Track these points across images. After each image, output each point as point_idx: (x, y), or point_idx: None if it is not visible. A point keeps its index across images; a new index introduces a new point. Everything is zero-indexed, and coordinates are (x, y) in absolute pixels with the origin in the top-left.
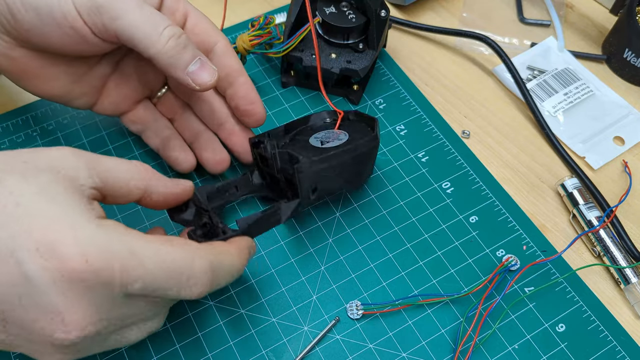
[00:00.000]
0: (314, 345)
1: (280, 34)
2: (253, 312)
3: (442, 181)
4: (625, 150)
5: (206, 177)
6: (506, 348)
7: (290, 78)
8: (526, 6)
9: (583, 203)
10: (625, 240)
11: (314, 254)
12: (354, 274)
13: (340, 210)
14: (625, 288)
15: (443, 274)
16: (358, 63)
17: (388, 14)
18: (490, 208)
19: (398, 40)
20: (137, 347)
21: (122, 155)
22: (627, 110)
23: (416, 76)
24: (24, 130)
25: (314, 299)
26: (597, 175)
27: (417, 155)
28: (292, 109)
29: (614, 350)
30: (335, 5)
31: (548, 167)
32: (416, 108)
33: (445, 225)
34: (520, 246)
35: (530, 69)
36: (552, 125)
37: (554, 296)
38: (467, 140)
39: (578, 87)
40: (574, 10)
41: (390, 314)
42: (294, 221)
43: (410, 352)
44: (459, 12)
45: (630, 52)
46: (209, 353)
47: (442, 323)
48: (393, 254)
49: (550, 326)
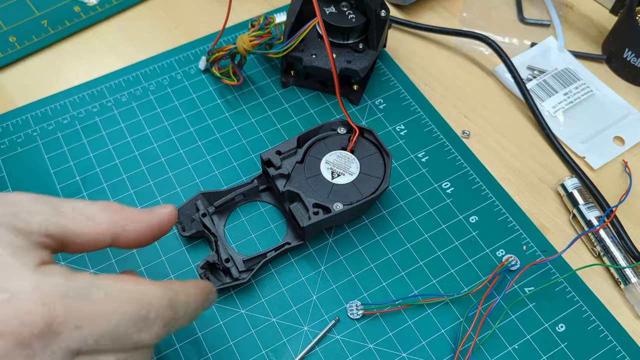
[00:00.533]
0: (314, 345)
1: (280, 34)
2: (253, 312)
3: (442, 181)
4: (625, 150)
5: (210, 181)
6: (506, 348)
7: (290, 78)
8: (526, 6)
9: (583, 203)
10: (625, 240)
11: (314, 254)
12: (354, 274)
13: None
14: (625, 288)
15: (443, 274)
16: (358, 63)
17: (388, 14)
18: (490, 208)
19: (398, 40)
20: None
21: (123, 155)
22: (627, 110)
23: (416, 76)
24: (24, 130)
25: (314, 299)
26: (597, 175)
27: (417, 155)
28: (292, 109)
29: (614, 350)
30: (335, 5)
31: (548, 167)
32: (416, 108)
33: (445, 225)
34: (520, 246)
35: (530, 69)
36: (552, 125)
37: (554, 296)
38: (467, 140)
39: (578, 87)
40: (574, 10)
41: (390, 314)
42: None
43: (410, 352)
44: (459, 12)
45: (630, 52)
46: (209, 353)
47: (442, 323)
48: (393, 254)
49: (550, 326)
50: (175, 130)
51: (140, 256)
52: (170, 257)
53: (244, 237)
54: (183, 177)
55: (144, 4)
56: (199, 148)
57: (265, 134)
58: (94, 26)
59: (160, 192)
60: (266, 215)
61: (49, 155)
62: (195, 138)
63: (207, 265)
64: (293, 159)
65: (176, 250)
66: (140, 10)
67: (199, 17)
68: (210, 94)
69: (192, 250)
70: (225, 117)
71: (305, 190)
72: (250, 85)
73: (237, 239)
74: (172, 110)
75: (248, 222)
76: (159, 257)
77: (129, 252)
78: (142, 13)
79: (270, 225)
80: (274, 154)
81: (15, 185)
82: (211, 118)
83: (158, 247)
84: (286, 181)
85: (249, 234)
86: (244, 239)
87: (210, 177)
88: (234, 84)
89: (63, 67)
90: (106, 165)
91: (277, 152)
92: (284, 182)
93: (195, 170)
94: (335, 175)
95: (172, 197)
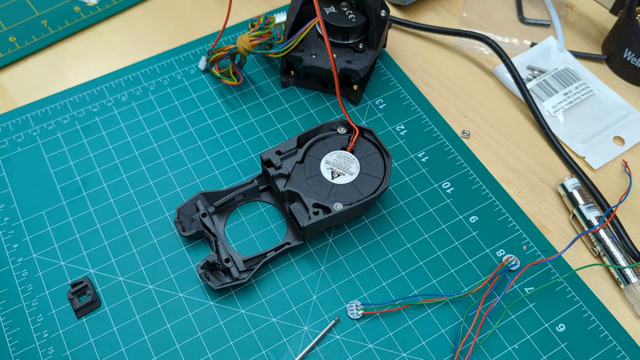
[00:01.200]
0: (314, 345)
1: (280, 34)
2: (253, 312)
3: (442, 181)
4: (625, 150)
5: (210, 181)
6: (506, 348)
7: (290, 78)
8: (526, 6)
9: (583, 203)
10: (625, 240)
11: (314, 254)
12: (354, 274)
13: None
14: (625, 288)
15: (443, 274)
16: (358, 63)
17: (388, 14)
18: (490, 208)
19: (398, 40)
20: (137, 347)
21: (123, 155)
22: (627, 110)
23: (416, 76)
24: (24, 130)
25: (314, 299)
26: (597, 175)
27: (417, 155)
28: (292, 109)
29: (614, 350)
30: (335, 5)
31: (548, 167)
32: (416, 108)
33: (445, 225)
34: (520, 246)
35: (530, 69)
36: (552, 125)
37: (554, 296)
38: (467, 140)
39: (578, 87)
40: (574, 10)
41: (390, 314)
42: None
43: (410, 352)
44: (459, 12)
45: (630, 52)
46: (209, 353)
47: (442, 323)
48: (393, 254)
49: (550, 326)
50: (175, 130)
51: (140, 256)
52: (170, 257)
53: (244, 237)
54: (183, 177)
55: (144, 4)
56: (199, 148)
57: (265, 134)
58: (94, 26)
59: (160, 192)
60: (266, 215)
61: (49, 155)
62: (195, 138)
63: (207, 265)
64: (293, 159)
65: (176, 250)
66: (140, 10)
67: (199, 17)
68: (210, 94)
69: (192, 250)
70: (225, 117)
71: (305, 190)
72: (250, 85)
73: (237, 239)
74: (172, 110)
75: (248, 222)
76: (159, 257)
77: (129, 252)
78: (142, 13)
79: (270, 225)
80: (274, 154)
81: (15, 185)
82: (211, 118)
83: (158, 247)
84: (286, 181)
85: (249, 234)
86: (244, 239)
87: (210, 177)
88: (234, 84)
89: (63, 67)
90: (106, 165)
91: (277, 152)
92: (284, 182)
93: (195, 170)
94: (335, 175)
95: (172, 197)
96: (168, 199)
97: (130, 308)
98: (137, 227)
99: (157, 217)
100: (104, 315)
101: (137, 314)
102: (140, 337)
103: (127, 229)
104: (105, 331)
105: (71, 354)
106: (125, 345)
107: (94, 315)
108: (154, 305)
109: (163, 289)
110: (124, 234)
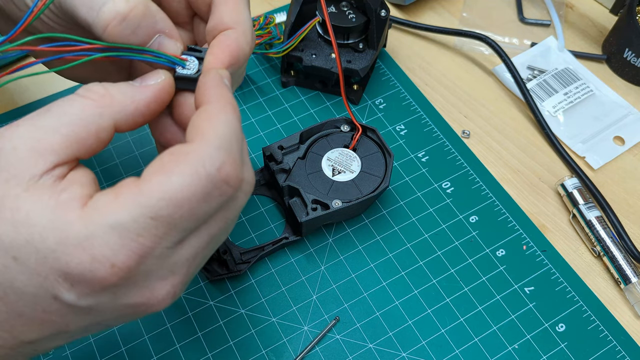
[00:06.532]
0: (314, 345)
1: (280, 33)
2: (253, 312)
3: (442, 181)
4: (625, 150)
5: None
6: (506, 348)
7: (290, 78)
8: (526, 6)
9: (583, 203)
10: (625, 240)
11: (314, 253)
12: (354, 274)
13: None
14: (625, 288)
15: (443, 274)
16: (358, 63)
17: (388, 13)
18: (490, 208)
19: (398, 40)
20: (137, 347)
21: (123, 155)
22: (627, 110)
23: (416, 76)
24: None
25: (314, 299)
26: (597, 175)
27: (417, 155)
28: (292, 108)
29: (614, 350)
30: (335, 5)
31: (548, 167)
32: (416, 108)
33: (445, 225)
34: (520, 246)
35: (530, 68)
36: (552, 125)
37: (554, 296)
38: (467, 140)
39: (578, 87)
40: (574, 10)
41: (390, 312)
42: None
43: (410, 352)
44: (459, 12)
45: (630, 52)
46: (209, 353)
47: (442, 323)
48: (393, 254)
49: (550, 326)
50: None
51: None
52: None
53: (242, 231)
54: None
55: None
56: None
57: (265, 133)
58: None
59: None
60: (265, 212)
61: None
62: None
63: None
64: (295, 155)
65: None
66: None
67: None
68: None
69: None
70: None
71: (305, 186)
72: (250, 85)
73: (236, 232)
74: None
75: (247, 217)
76: None
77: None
78: None
79: (268, 220)
80: (276, 149)
81: None
82: None
83: None
84: (287, 176)
85: (247, 228)
86: (243, 233)
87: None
88: None
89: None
90: (106, 165)
91: (280, 147)
92: (284, 177)
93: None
94: (336, 173)
95: None
96: None
97: None
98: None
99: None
100: None
101: None
102: (140, 337)
103: None
104: (105, 331)
105: (71, 354)
106: (125, 345)
107: None
108: None
109: None
110: None
